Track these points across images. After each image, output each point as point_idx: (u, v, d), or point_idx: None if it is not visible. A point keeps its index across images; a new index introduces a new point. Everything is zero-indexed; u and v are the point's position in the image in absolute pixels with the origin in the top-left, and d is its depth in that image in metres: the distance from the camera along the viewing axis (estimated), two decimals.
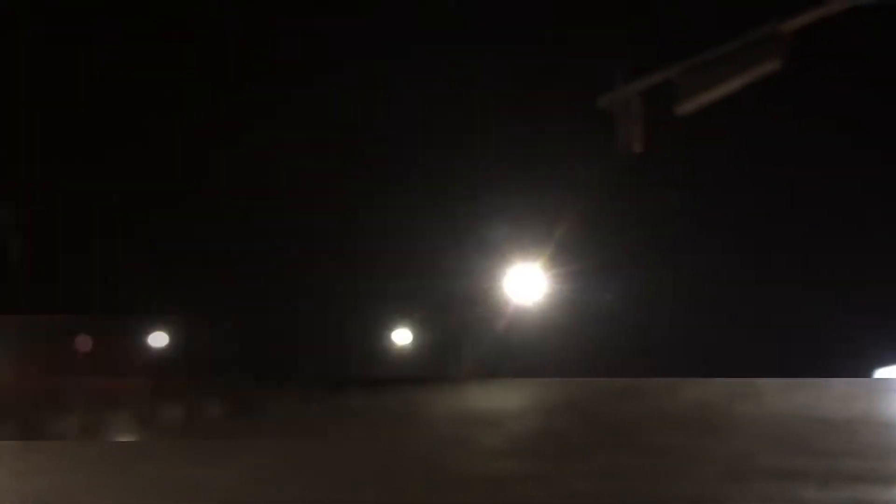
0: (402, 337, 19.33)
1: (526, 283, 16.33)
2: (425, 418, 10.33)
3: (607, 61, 10.05)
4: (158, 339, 17.44)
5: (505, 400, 13.64)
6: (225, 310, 19.38)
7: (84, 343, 15.95)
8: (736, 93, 9.20)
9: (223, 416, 11.14)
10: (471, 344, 18.89)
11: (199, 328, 18.16)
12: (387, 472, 6.63)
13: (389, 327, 19.33)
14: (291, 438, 8.50)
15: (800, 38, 8.71)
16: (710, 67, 8.93)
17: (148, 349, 17.12)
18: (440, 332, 20.06)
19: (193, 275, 18.27)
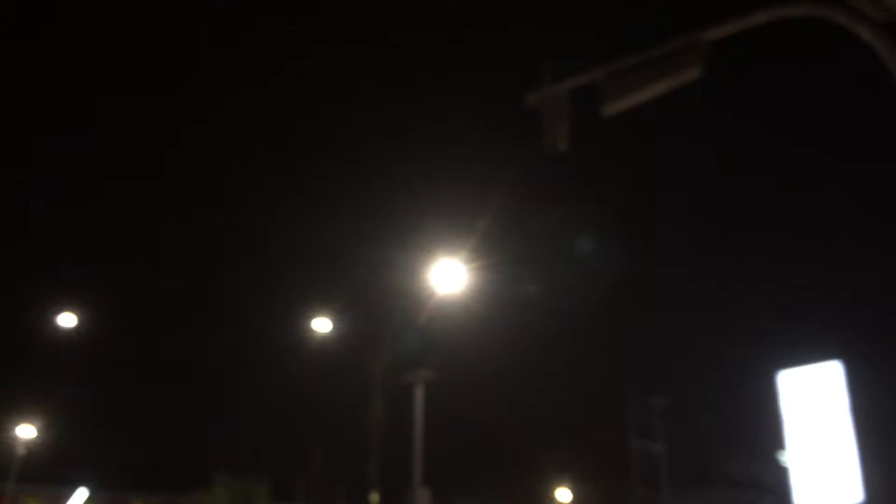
0: (321, 325, 19.26)
1: (448, 276, 16.41)
2: None
3: (536, 61, 10.15)
4: None
5: None
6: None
7: None
8: (659, 97, 9.44)
9: None
10: (391, 333, 18.91)
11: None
12: None
13: (310, 316, 19.23)
14: None
15: (722, 47, 8.98)
16: (633, 72, 9.13)
17: None
18: (360, 322, 20.03)
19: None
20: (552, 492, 32.14)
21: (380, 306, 20.06)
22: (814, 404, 63.69)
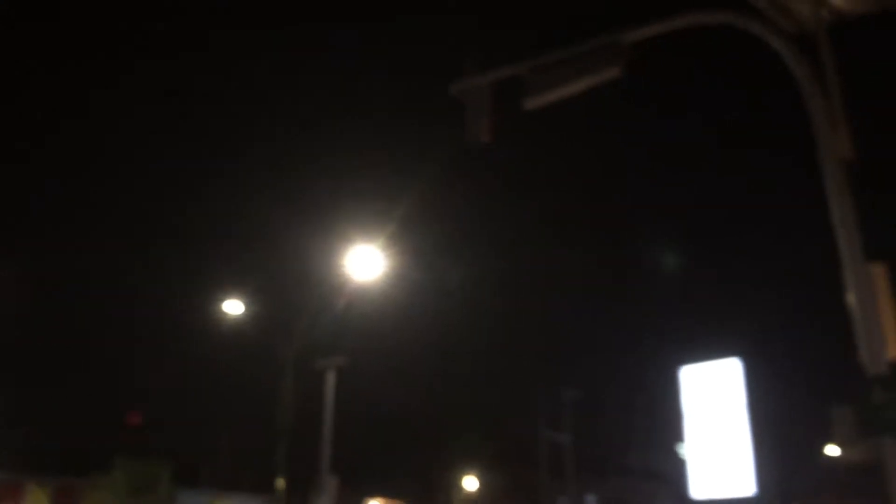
0: (233, 307, 18.93)
1: (365, 262, 16.34)
2: None
3: (462, 52, 10.18)
4: None
5: None
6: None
7: None
8: (580, 94, 9.61)
9: None
10: (305, 318, 18.74)
11: None
12: None
13: (222, 298, 18.88)
14: None
15: (642, 49, 9.20)
16: (556, 68, 9.26)
17: None
18: (274, 306, 19.78)
19: None
20: (460, 479, 32.52)
21: (295, 291, 19.85)
22: (712, 399, 66.30)
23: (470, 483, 32.60)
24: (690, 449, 63.33)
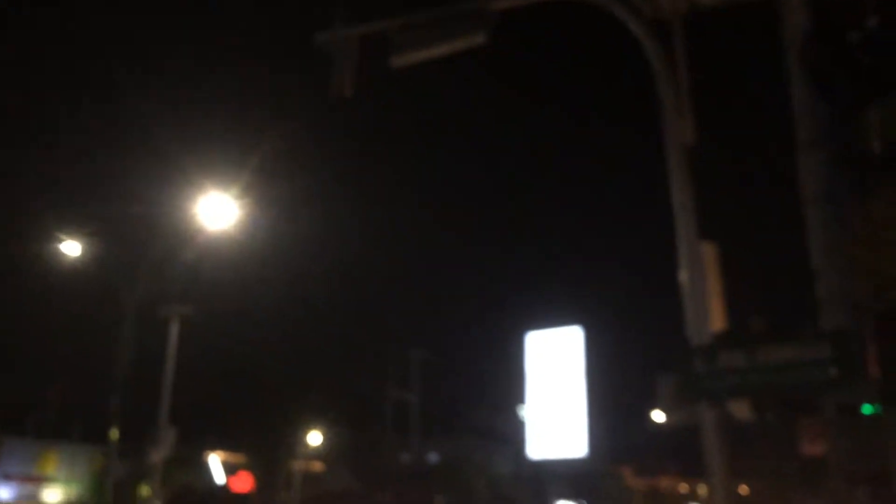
0: (70, 249, 17.91)
1: (217, 211, 15.81)
2: None
3: (329, 3, 9.93)
4: None
5: None
6: None
7: None
8: (446, 57, 9.62)
9: None
10: (150, 264, 18.03)
11: None
12: None
13: (60, 241, 17.81)
14: None
15: (508, 17, 9.31)
16: (423, 28, 9.22)
17: None
18: (117, 252, 18.87)
19: None
20: (305, 435, 32.44)
21: (141, 237, 18.97)
22: (554, 364, 69.86)
23: (314, 438, 32.60)
24: (530, 411, 66.57)
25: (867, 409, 6.88)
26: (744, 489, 30.44)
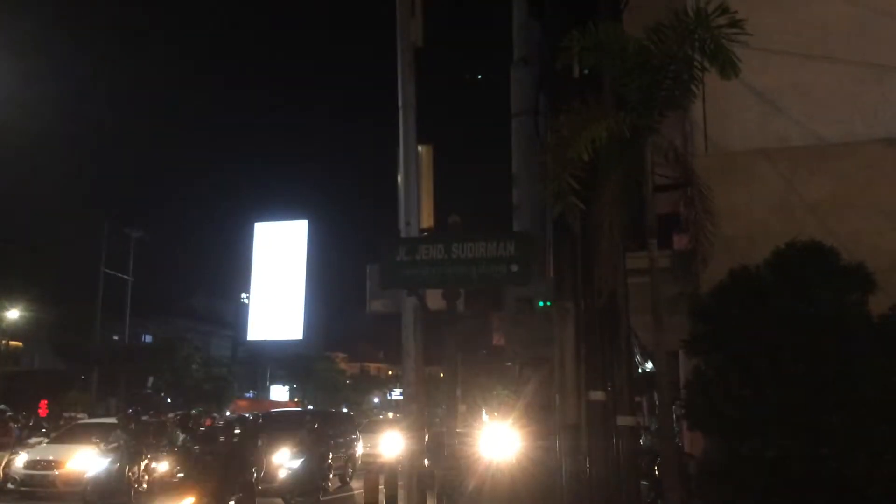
0: None
1: None
2: None
3: None
4: None
5: None
6: None
7: None
8: None
9: None
10: None
11: None
12: None
13: None
14: None
15: None
16: None
17: None
18: None
19: None
20: (4, 310, 29.76)
21: None
22: (279, 255, 72.03)
23: (12, 314, 30.07)
24: (252, 298, 67.61)
25: (540, 303, 7.87)
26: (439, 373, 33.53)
